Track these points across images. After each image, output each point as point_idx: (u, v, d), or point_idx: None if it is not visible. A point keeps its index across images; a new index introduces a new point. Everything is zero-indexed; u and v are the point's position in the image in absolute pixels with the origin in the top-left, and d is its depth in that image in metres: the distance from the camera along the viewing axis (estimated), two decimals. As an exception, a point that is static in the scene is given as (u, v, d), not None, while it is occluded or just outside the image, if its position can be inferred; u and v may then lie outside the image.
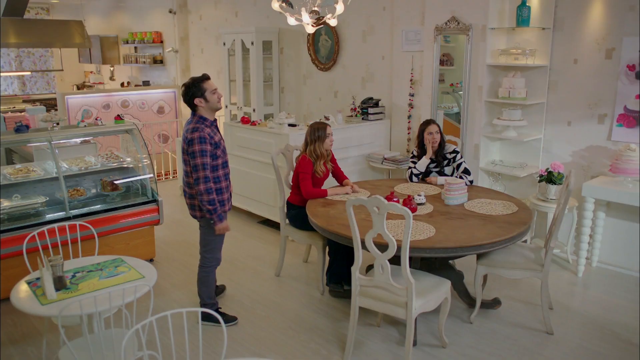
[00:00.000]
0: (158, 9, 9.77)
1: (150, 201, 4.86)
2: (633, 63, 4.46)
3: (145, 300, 3.59)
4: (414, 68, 5.88)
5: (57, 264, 2.89)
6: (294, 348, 3.63)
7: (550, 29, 4.85)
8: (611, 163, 4.62)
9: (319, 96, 7.19)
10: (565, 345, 3.64)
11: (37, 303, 2.77)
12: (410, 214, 3.00)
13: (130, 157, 5.09)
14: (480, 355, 3.53)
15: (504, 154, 5.41)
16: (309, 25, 4.25)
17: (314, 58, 7.09)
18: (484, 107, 5.19)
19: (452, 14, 5.22)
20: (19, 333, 3.84)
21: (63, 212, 4.44)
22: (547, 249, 3.70)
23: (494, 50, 5.12)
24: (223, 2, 8.46)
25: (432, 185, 4.58)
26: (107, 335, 2.88)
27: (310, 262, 5.01)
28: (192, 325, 3.70)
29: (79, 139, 5.25)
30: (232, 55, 7.88)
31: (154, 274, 3.10)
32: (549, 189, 4.71)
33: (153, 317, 2.32)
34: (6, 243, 4.06)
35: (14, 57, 12.72)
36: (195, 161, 3.52)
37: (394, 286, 3.19)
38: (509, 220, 3.72)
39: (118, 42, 11.10)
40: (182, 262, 5.05)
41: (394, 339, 3.71)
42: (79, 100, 8.00)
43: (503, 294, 4.31)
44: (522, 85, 4.95)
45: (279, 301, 4.29)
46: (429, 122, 4.66)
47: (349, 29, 6.59)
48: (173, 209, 6.63)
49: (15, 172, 4.54)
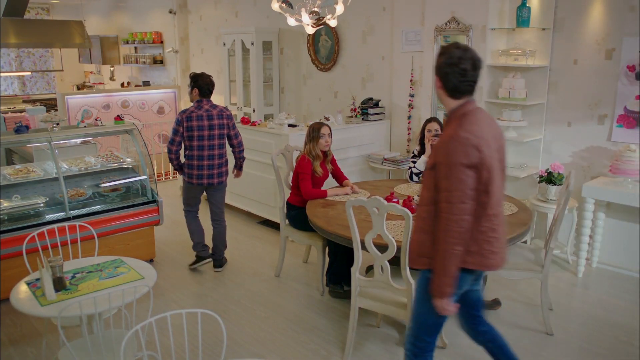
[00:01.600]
0: (158, 9, 9.77)
1: (150, 202, 4.86)
2: (633, 64, 4.46)
3: (144, 300, 3.59)
4: (414, 68, 5.88)
5: (57, 264, 2.88)
6: (294, 349, 3.63)
7: (550, 29, 4.85)
8: (611, 164, 4.62)
9: (319, 96, 7.19)
10: (565, 346, 3.64)
11: (36, 304, 2.77)
12: (410, 214, 3.00)
13: (130, 158, 5.09)
14: (480, 356, 3.52)
15: (504, 155, 5.41)
16: (308, 26, 4.25)
17: (314, 58, 7.09)
18: (484, 107, 5.18)
19: (452, 14, 5.23)
20: (18, 333, 3.84)
21: (63, 212, 4.44)
22: (547, 250, 3.70)
23: (494, 50, 5.12)
24: (223, 3, 8.46)
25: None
26: (106, 336, 2.88)
27: (310, 262, 5.01)
28: (192, 326, 3.70)
29: (79, 139, 5.25)
30: (232, 56, 7.88)
31: (154, 275, 3.09)
32: (549, 190, 4.71)
33: (153, 318, 2.32)
34: (6, 243, 4.06)
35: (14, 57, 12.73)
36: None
37: (393, 287, 3.19)
38: (509, 220, 3.71)
39: (118, 43, 11.10)
40: (181, 263, 5.05)
41: (394, 340, 3.71)
42: (79, 100, 8.00)
43: (503, 295, 4.31)
44: (522, 85, 4.95)
45: (278, 302, 4.29)
46: (431, 119, 4.66)
47: (349, 30, 6.59)
48: (173, 209, 6.63)
49: (15, 173, 4.54)
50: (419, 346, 2.61)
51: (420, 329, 2.60)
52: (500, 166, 2.43)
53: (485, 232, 2.41)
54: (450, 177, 2.29)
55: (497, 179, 2.38)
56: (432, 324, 2.58)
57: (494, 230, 2.42)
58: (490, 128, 2.41)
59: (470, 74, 2.35)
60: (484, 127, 2.36)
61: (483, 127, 2.36)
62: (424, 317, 2.58)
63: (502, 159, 2.47)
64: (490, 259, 2.44)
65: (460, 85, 2.37)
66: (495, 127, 2.47)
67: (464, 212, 2.30)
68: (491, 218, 2.40)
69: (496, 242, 2.44)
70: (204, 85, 4.57)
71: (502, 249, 2.49)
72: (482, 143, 2.30)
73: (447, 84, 2.39)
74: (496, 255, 2.45)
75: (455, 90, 2.39)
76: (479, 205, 2.36)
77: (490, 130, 2.40)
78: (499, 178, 2.42)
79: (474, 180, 2.31)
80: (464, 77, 2.35)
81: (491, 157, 2.34)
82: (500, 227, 2.46)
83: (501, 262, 2.50)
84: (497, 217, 2.44)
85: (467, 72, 2.34)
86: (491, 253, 2.43)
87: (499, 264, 2.49)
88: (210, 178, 4.63)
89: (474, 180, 2.31)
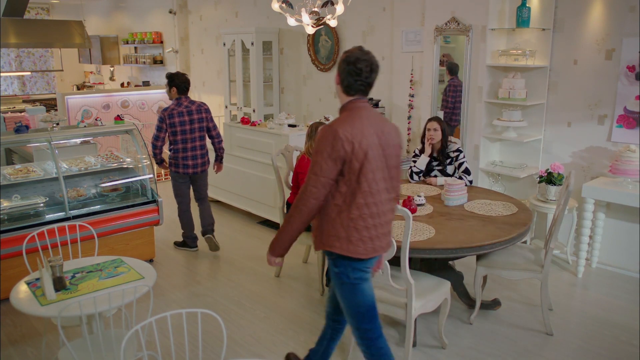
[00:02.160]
0: (158, 9, 9.77)
1: (150, 202, 4.86)
2: (633, 64, 4.46)
3: (144, 300, 3.59)
4: (413, 69, 5.89)
5: (57, 264, 2.89)
6: (294, 349, 3.63)
7: (550, 29, 4.85)
8: (611, 164, 4.62)
9: (319, 97, 7.19)
10: (565, 346, 3.64)
11: (36, 304, 2.77)
12: (410, 214, 3.00)
13: (130, 158, 5.09)
14: (480, 356, 3.53)
15: (504, 155, 5.41)
16: (308, 26, 4.25)
17: (314, 58, 7.09)
18: (484, 107, 5.19)
19: (452, 14, 5.23)
20: (18, 333, 3.84)
21: (63, 212, 4.44)
22: (547, 250, 3.70)
23: (494, 51, 5.12)
24: (223, 3, 8.46)
25: (431, 186, 4.58)
26: (106, 336, 2.88)
27: (309, 262, 5.01)
28: (192, 326, 3.70)
29: (79, 139, 5.25)
30: (232, 56, 7.88)
31: (154, 275, 3.09)
32: (548, 190, 4.71)
33: (153, 318, 2.32)
34: (6, 243, 4.06)
35: (14, 57, 12.73)
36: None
37: (393, 287, 3.19)
38: (509, 221, 3.72)
39: (118, 43, 11.11)
40: (181, 263, 5.05)
41: (394, 340, 3.70)
42: (78, 100, 8.00)
43: (503, 295, 4.31)
44: (522, 86, 4.95)
45: (278, 302, 4.29)
46: (432, 118, 4.67)
47: (349, 30, 6.59)
48: (173, 209, 6.61)
49: (15, 173, 4.54)
50: (365, 337, 2.77)
51: (357, 319, 2.75)
52: (384, 161, 2.61)
53: (355, 219, 2.57)
54: (315, 163, 2.56)
55: (375, 172, 2.57)
56: (365, 311, 2.73)
57: (364, 219, 2.57)
58: (375, 126, 2.59)
59: (365, 75, 2.56)
60: (364, 123, 2.56)
61: (364, 123, 2.56)
62: (354, 309, 2.73)
63: (390, 155, 2.64)
64: (357, 247, 2.59)
65: (354, 84, 2.58)
66: (384, 125, 2.65)
67: (312, 195, 2.56)
68: (362, 207, 2.56)
69: (365, 232, 2.58)
70: (181, 84, 4.96)
71: (374, 239, 2.62)
72: (356, 138, 2.51)
73: (343, 81, 2.61)
74: (365, 244, 2.60)
75: (349, 87, 2.60)
76: (350, 194, 2.56)
77: (374, 127, 2.58)
78: (381, 171, 2.60)
79: (337, 171, 2.54)
80: (359, 77, 2.56)
81: (366, 151, 2.52)
82: (374, 218, 2.60)
83: (370, 252, 2.63)
84: (370, 208, 2.58)
85: (362, 73, 2.55)
86: (358, 240, 2.58)
87: (368, 253, 2.62)
88: (195, 168, 5.08)
89: (336, 171, 2.54)
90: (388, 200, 2.67)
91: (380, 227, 2.64)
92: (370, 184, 2.56)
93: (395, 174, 2.72)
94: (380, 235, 2.66)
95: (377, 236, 2.63)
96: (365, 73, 2.56)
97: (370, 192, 2.57)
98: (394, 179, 2.71)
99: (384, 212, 2.64)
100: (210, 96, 9.06)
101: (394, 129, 2.71)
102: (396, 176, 2.73)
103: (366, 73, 2.56)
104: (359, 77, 2.56)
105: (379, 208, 2.61)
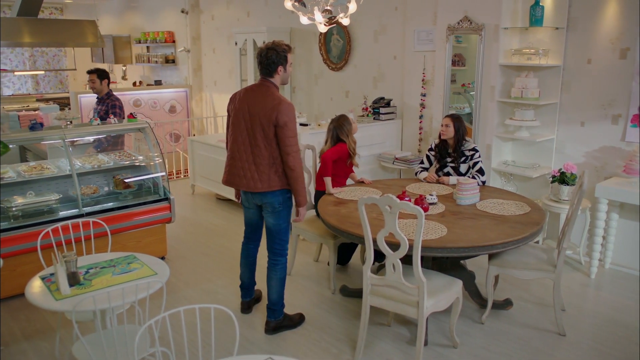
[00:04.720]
0: (170, 8, 9.82)
1: (162, 199, 4.89)
2: (648, 63, 4.42)
3: (157, 297, 3.61)
4: (425, 68, 5.87)
5: (71, 260, 2.91)
6: (305, 346, 3.63)
7: (563, 28, 4.82)
8: (625, 164, 4.58)
9: (331, 96, 7.19)
10: (578, 347, 3.61)
11: (51, 298, 2.80)
12: (422, 213, 2.99)
13: (142, 156, 5.12)
14: (492, 356, 3.51)
15: (517, 155, 5.39)
16: (321, 24, 4.25)
17: (326, 58, 7.09)
18: (496, 107, 5.16)
19: (464, 13, 5.21)
20: (32, 329, 3.87)
21: (76, 209, 4.48)
22: (560, 250, 3.68)
23: (507, 50, 5.09)
24: (235, 2, 8.49)
25: (444, 185, 4.56)
26: (120, 331, 2.90)
27: (321, 261, 5.02)
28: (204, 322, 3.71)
29: (92, 137, 5.29)
30: (243, 55, 7.91)
31: (167, 271, 3.11)
32: (561, 190, 4.68)
33: (166, 313, 2.34)
34: (20, 239, 4.11)
35: (27, 56, 12.86)
36: None
37: (405, 285, 3.19)
38: (521, 220, 3.70)
39: (130, 42, 11.18)
40: (193, 261, 5.08)
41: (405, 339, 3.70)
42: (91, 99, 8.04)
43: (515, 295, 4.29)
44: (534, 85, 4.92)
45: (290, 300, 4.29)
46: (448, 115, 4.67)
47: (361, 29, 6.59)
48: (185, 207, 6.67)
49: (29, 170, 4.59)
50: (285, 247, 3.82)
51: (285, 235, 3.79)
52: (244, 123, 3.53)
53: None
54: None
55: (234, 128, 3.59)
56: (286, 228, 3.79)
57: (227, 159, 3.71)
58: (252, 97, 3.53)
59: (261, 60, 3.52)
60: (247, 93, 3.58)
61: (247, 93, 3.59)
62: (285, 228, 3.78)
63: (253, 121, 3.49)
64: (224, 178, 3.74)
65: (259, 67, 3.58)
66: (261, 99, 3.49)
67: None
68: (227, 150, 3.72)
69: (226, 168, 3.72)
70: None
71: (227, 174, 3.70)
72: (235, 100, 3.63)
73: (258, 66, 3.60)
74: (225, 175, 3.72)
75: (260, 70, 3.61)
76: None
77: (251, 98, 3.53)
78: (239, 129, 3.56)
79: (228, 119, 3.71)
80: (260, 63, 3.55)
81: (237, 112, 3.57)
82: (228, 160, 3.69)
83: (225, 182, 3.73)
84: (228, 152, 3.69)
85: (261, 60, 3.52)
86: (224, 173, 3.73)
87: (224, 182, 3.73)
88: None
89: (229, 119, 3.71)
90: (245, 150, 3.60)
91: (230, 168, 3.66)
92: (230, 135, 3.66)
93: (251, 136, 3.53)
94: (229, 173, 3.68)
95: (229, 173, 3.68)
96: (261, 59, 3.52)
97: (230, 142, 3.65)
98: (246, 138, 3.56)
99: (233, 158, 3.63)
100: (222, 95, 9.09)
101: (267, 104, 3.45)
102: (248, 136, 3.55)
103: (262, 59, 3.52)
104: (260, 63, 3.54)
105: (230, 154, 3.65)
